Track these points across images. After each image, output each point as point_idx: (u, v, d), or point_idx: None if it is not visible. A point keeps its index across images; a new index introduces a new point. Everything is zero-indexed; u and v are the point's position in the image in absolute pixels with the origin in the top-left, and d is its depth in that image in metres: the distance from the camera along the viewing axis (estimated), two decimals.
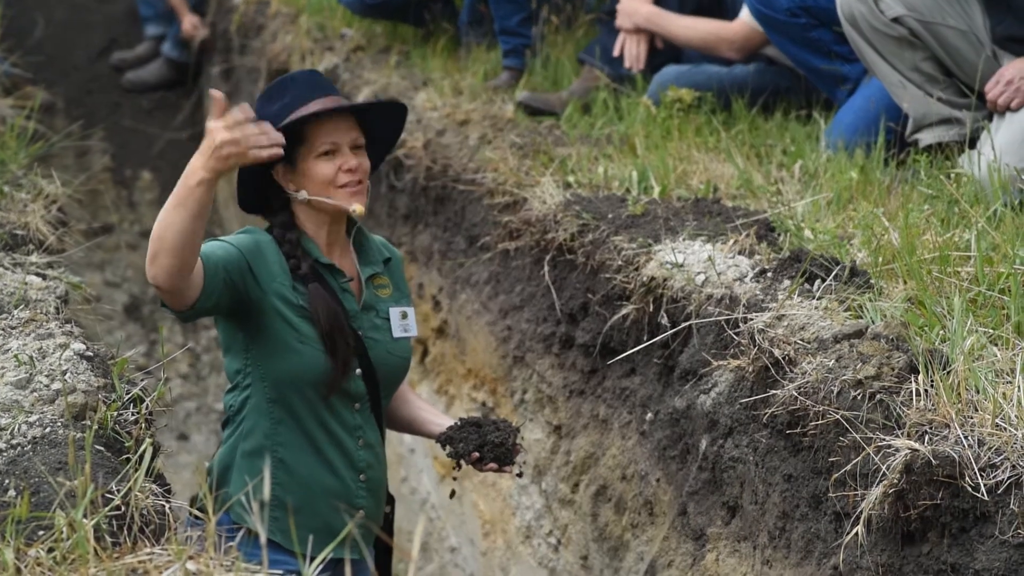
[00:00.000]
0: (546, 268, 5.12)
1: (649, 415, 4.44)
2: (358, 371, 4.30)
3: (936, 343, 3.45)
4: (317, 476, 4.26)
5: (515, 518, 5.47)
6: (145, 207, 11.90)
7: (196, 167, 3.80)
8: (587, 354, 4.91)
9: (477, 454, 4.20)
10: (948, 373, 3.18)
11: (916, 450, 2.97)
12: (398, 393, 4.55)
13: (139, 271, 11.48)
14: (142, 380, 3.84)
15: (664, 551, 4.29)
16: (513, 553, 5.51)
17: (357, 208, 4.21)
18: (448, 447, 4.25)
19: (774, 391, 3.58)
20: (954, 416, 3.03)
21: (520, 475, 4.41)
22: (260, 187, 4.31)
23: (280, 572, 2.36)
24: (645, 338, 4.46)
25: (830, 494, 3.31)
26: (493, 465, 4.23)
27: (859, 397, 3.25)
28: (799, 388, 3.45)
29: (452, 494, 4.78)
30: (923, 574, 3.02)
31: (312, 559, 4.27)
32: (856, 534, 3.13)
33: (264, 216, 4.36)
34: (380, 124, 4.45)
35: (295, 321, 4.19)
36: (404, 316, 4.39)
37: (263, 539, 2.86)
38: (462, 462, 4.24)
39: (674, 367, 4.32)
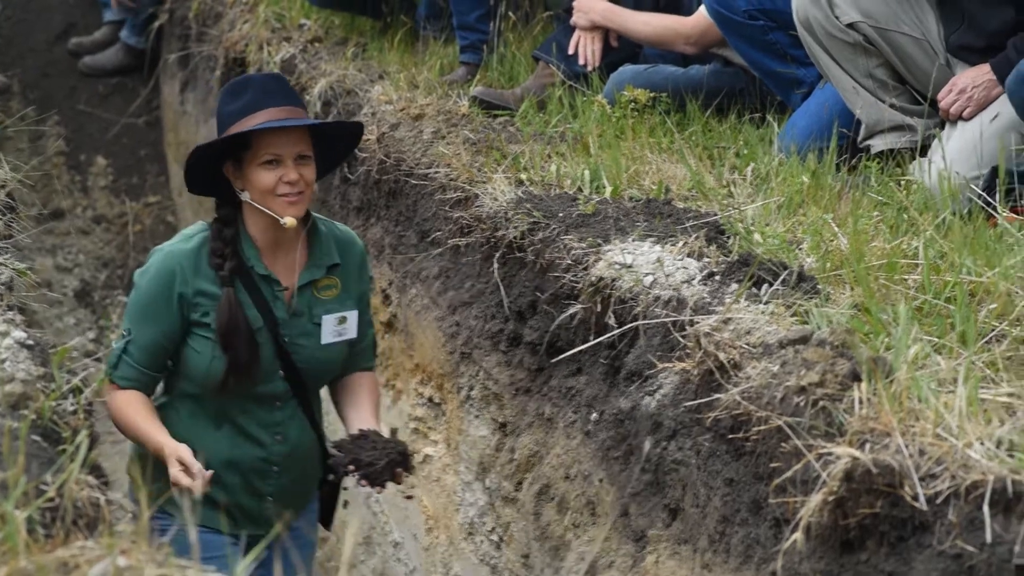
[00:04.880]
0: (495, 265, 5.11)
1: (594, 415, 4.43)
2: (280, 373, 4.47)
3: (881, 351, 3.45)
4: (226, 468, 4.46)
5: (458, 514, 5.45)
6: (98, 192, 11.83)
7: (157, 449, 4.27)
8: (534, 352, 4.90)
9: (353, 468, 4.28)
10: (891, 382, 3.18)
11: (856, 458, 2.97)
12: (350, 383, 4.70)
13: (90, 256, 11.42)
14: (83, 370, 3.82)
15: (605, 552, 4.28)
16: (456, 549, 5.49)
17: (288, 220, 4.34)
18: (331, 457, 4.36)
19: (718, 395, 3.58)
20: (896, 425, 3.02)
21: (410, 497, 4.51)
22: (209, 177, 4.42)
23: (212, 572, 2.33)
24: (592, 338, 4.45)
25: (770, 500, 3.30)
26: (364, 482, 4.33)
27: (802, 404, 3.25)
28: (743, 393, 3.44)
29: (408, 497, 4.81)
30: None
31: (232, 537, 4.50)
32: (795, 540, 3.12)
33: (215, 206, 4.49)
34: (334, 138, 4.53)
35: (211, 319, 4.38)
36: (342, 321, 4.50)
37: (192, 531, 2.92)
38: (337, 473, 4.35)
39: (620, 368, 4.31)
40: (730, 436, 3.53)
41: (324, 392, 4.72)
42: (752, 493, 3.46)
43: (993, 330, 3.61)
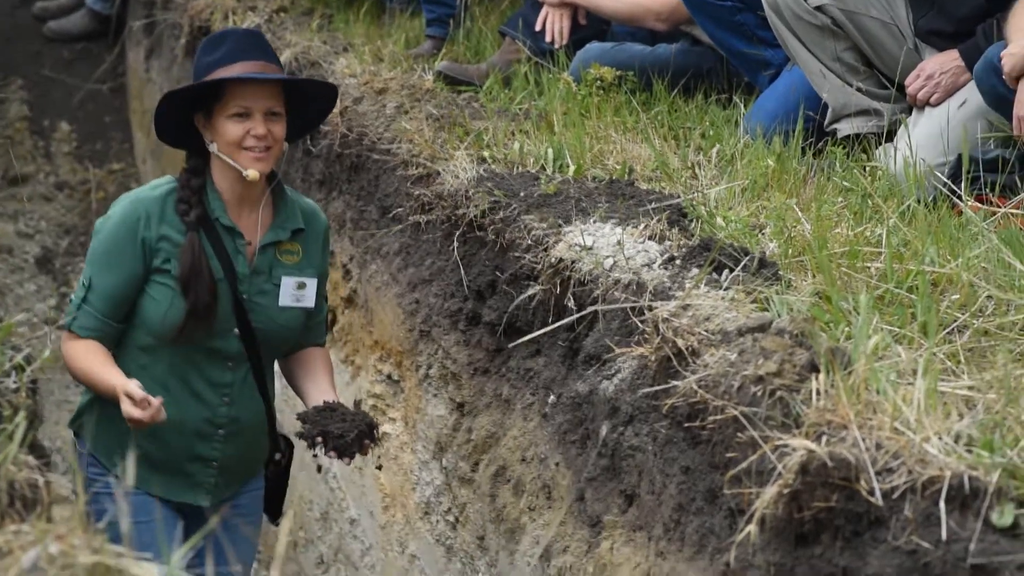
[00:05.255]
0: (455, 244, 5.05)
1: (552, 398, 4.38)
2: (235, 331, 4.44)
3: (841, 340, 3.41)
4: (170, 426, 4.34)
5: (415, 493, 5.40)
6: (62, 158, 11.73)
7: (109, 389, 4.19)
8: (493, 332, 4.85)
9: (320, 439, 4.24)
10: (849, 373, 3.13)
11: (812, 451, 2.92)
12: (305, 357, 4.67)
13: (52, 223, 11.32)
14: (28, 347, 3.77)
15: (560, 536, 4.24)
16: (412, 528, 5.45)
17: (251, 173, 4.33)
18: (299, 427, 4.32)
19: (675, 382, 3.53)
20: (852, 418, 2.98)
21: (379, 467, 4.47)
22: (179, 126, 4.42)
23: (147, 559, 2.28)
24: (551, 320, 4.40)
25: (725, 491, 3.26)
26: (333, 454, 4.27)
27: (759, 393, 3.20)
28: (699, 381, 3.39)
29: (379, 467, 4.77)
30: None
31: (167, 501, 4.46)
32: (749, 532, 3.08)
33: (186, 155, 4.50)
34: (308, 99, 4.52)
35: (172, 266, 4.34)
36: (300, 287, 4.50)
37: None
38: (308, 445, 4.30)
39: (579, 350, 4.26)
40: (686, 424, 3.48)
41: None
42: (707, 482, 3.42)
43: (955, 321, 3.58)
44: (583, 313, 4.16)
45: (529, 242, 4.56)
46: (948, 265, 3.74)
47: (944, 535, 2.71)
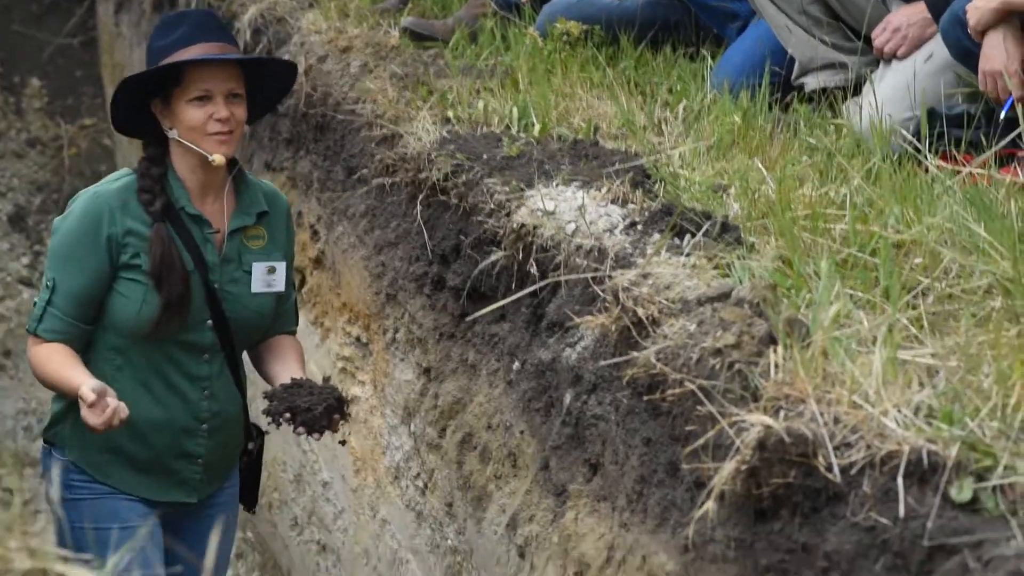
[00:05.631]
0: (419, 208, 5.00)
1: (516, 364, 4.34)
2: (208, 322, 4.31)
3: (803, 307, 3.36)
4: (154, 426, 4.31)
5: (385, 457, 5.37)
6: (33, 115, 11.66)
7: (73, 390, 4.04)
8: (458, 297, 4.80)
9: (288, 415, 4.18)
10: (807, 345, 3.09)
11: (770, 427, 2.88)
12: (275, 344, 4.56)
13: (25, 180, 11.25)
14: None
15: (526, 505, 4.21)
16: (383, 492, 5.42)
17: (216, 158, 4.21)
18: (265, 405, 4.24)
19: (635, 353, 3.48)
20: (810, 392, 2.93)
21: (342, 443, 4.42)
22: (135, 113, 4.30)
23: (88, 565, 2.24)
24: (514, 285, 4.35)
25: (684, 466, 3.22)
26: (302, 429, 4.19)
27: (717, 367, 3.16)
28: (658, 353, 3.35)
29: (342, 443, 4.70)
30: (774, 552, 2.94)
31: (152, 503, 4.38)
32: (713, 503, 3.04)
33: (142, 145, 4.39)
34: (266, 76, 4.44)
35: (141, 260, 4.21)
36: (271, 271, 4.40)
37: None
38: (274, 422, 4.23)
39: (542, 316, 4.22)
40: (646, 397, 3.44)
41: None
42: (669, 455, 3.38)
43: (919, 285, 3.53)
44: (543, 284, 4.11)
45: (492, 207, 4.51)
46: (911, 229, 3.68)
47: (902, 512, 2.68)
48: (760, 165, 4.42)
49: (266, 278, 4.39)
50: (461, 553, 4.70)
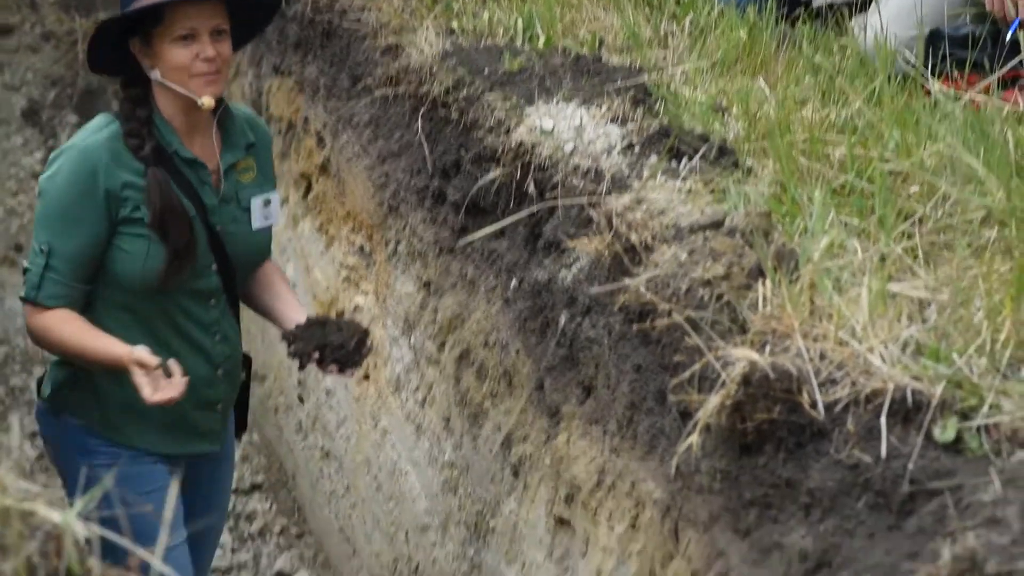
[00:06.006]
0: (420, 122, 4.96)
1: (514, 282, 4.33)
2: (213, 267, 4.20)
3: (796, 236, 3.34)
4: None
5: (386, 368, 5.38)
6: (47, 8, 11.56)
7: (115, 361, 3.96)
8: (458, 212, 4.77)
9: (318, 355, 4.11)
10: (796, 279, 3.06)
11: (755, 362, 2.87)
12: (261, 276, 4.47)
13: (39, 75, 11.18)
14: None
15: (520, 424, 4.21)
16: (384, 403, 5.43)
17: (206, 101, 4.04)
18: (290, 346, 4.15)
19: (627, 279, 3.46)
20: (797, 327, 2.92)
21: (366, 377, 4.36)
22: (114, 53, 4.10)
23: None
24: (513, 204, 4.33)
25: (671, 397, 3.21)
26: (334, 367, 4.13)
27: (706, 298, 3.14)
28: (648, 282, 3.33)
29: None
30: (758, 486, 2.94)
31: (172, 457, 4.32)
32: (693, 440, 3.04)
33: (120, 85, 4.18)
34: (251, 7, 4.25)
35: (142, 213, 4.08)
36: (266, 204, 4.28)
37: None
38: (302, 363, 4.16)
39: (539, 235, 4.20)
40: (637, 325, 3.43)
41: None
42: (658, 383, 3.37)
43: (915, 214, 3.49)
44: (538, 207, 4.08)
45: (492, 123, 4.47)
46: (909, 158, 3.64)
47: (884, 451, 2.67)
48: (763, 84, 4.37)
49: (263, 211, 4.31)
50: (458, 468, 4.72)
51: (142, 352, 3.93)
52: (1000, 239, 3.27)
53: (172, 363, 3.99)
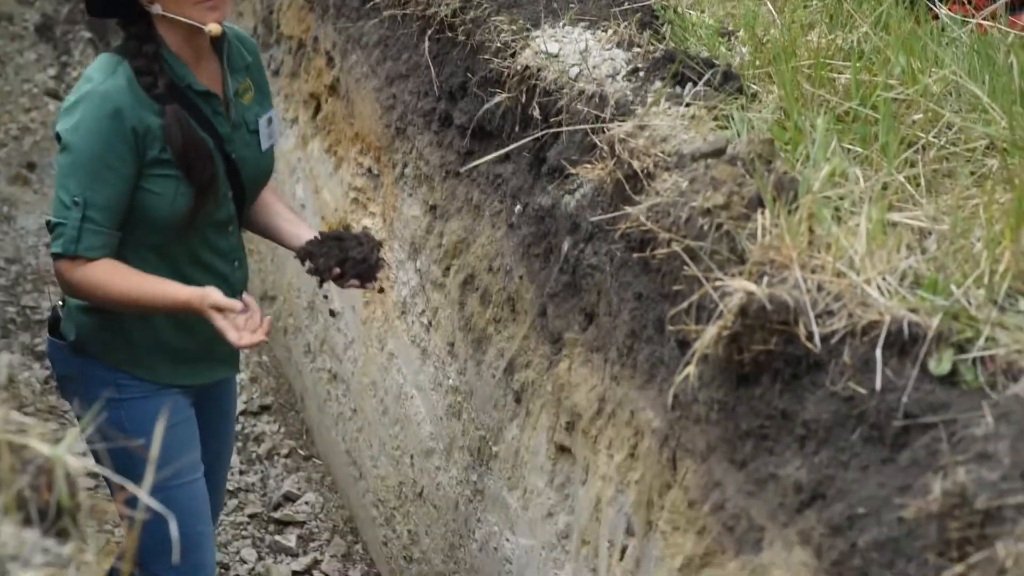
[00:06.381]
0: (427, 44, 4.92)
1: (518, 207, 4.31)
2: (229, 194, 4.19)
3: (799, 164, 3.31)
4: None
5: (393, 292, 5.37)
6: None
7: (184, 304, 3.95)
8: (464, 135, 4.75)
9: (338, 270, 4.10)
10: (795, 208, 3.04)
11: (752, 293, 2.85)
12: (261, 197, 4.46)
13: None
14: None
15: (523, 351, 4.21)
16: (390, 326, 5.43)
17: (212, 28, 3.95)
18: (308, 263, 4.15)
19: (627, 207, 3.45)
20: (795, 257, 2.90)
21: (381, 290, 4.34)
22: None
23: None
24: (518, 128, 4.31)
25: (669, 326, 3.20)
26: (355, 282, 4.13)
27: (706, 227, 3.12)
28: (649, 210, 3.31)
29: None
30: (754, 417, 2.94)
31: (193, 388, 4.32)
32: (691, 370, 3.04)
33: (120, 25, 4.09)
34: None
35: (168, 154, 4.04)
36: (269, 122, 4.26)
37: None
38: (323, 278, 4.15)
39: (544, 160, 4.18)
40: (637, 253, 3.41)
41: None
42: (658, 312, 3.36)
43: (918, 141, 3.47)
44: (542, 133, 4.06)
45: (498, 46, 4.44)
46: (914, 85, 3.60)
47: (878, 384, 2.66)
48: (770, 7, 4.33)
49: (267, 131, 4.30)
50: (462, 393, 4.72)
51: (216, 295, 3.92)
52: (1003, 168, 3.25)
53: (247, 298, 3.98)
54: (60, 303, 4.35)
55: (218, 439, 4.61)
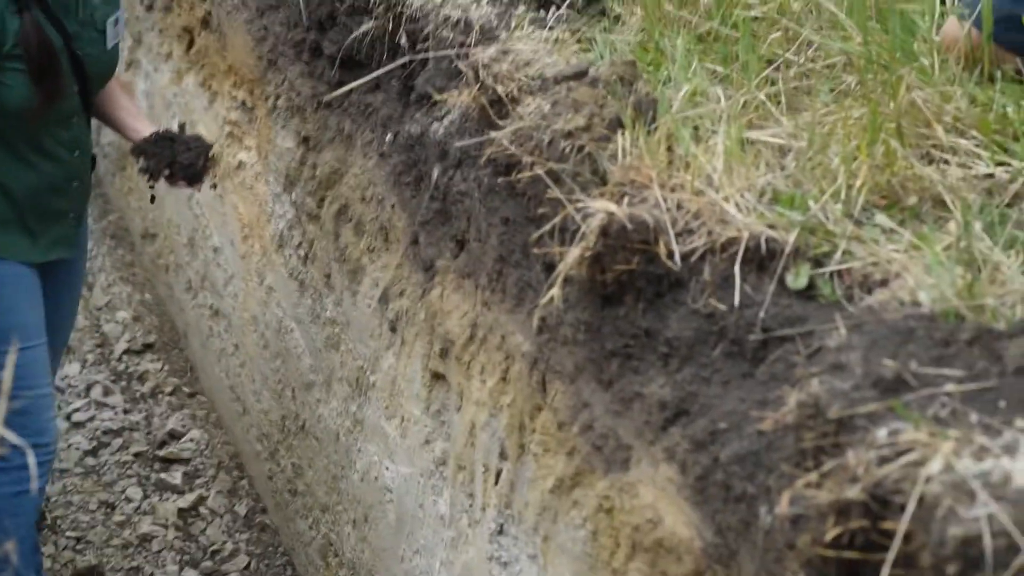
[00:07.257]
0: None
1: (389, 136, 4.29)
2: (75, 88, 4.40)
3: (660, 85, 3.32)
4: (35, 193, 4.43)
5: (270, 225, 5.35)
6: None
7: None
8: (334, 65, 4.72)
9: (167, 171, 4.29)
10: (655, 128, 3.06)
11: (612, 213, 2.87)
12: (106, 90, 4.70)
13: None
14: None
15: (396, 279, 4.21)
16: (269, 260, 5.41)
17: None
18: (140, 161, 4.35)
19: (492, 132, 3.44)
20: (654, 177, 2.92)
21: (214, 187, 4.54)
22: None
23: None
24: (386, 57, 4.28)
25: (535, 250, 3.22)
26: (183, 183, 4.45)
27: (568, 149, 3.13)
28: (513, 134, 3.31)
29: (214, 187, 4.82)
30: (619, 337, 2.96)
31: (40, 265, 4.42)
32: (559, 290, 3.05)
33: None
34: None
35: (20, 49, 4.21)
36: (115, 23, 4.46)
37: None
38: (154, 178, 4.34)
39: (412, 88, 4.16)
40: (502, 178, 3.41)
41: None
42: (524, 236, 3.37)
43: (778, 59, 3.48)
44: (408, 59, 4.04)
45: None
46: (772, 4, 3.62)
47: (737, 300, 2.69)
48: None
49: (114, 31, 4.51)
50: (339, 324, 4.72)
51: None
52: (859, 84, 3.28)
53: None
54: None
55: (58, 312, 4.77)
